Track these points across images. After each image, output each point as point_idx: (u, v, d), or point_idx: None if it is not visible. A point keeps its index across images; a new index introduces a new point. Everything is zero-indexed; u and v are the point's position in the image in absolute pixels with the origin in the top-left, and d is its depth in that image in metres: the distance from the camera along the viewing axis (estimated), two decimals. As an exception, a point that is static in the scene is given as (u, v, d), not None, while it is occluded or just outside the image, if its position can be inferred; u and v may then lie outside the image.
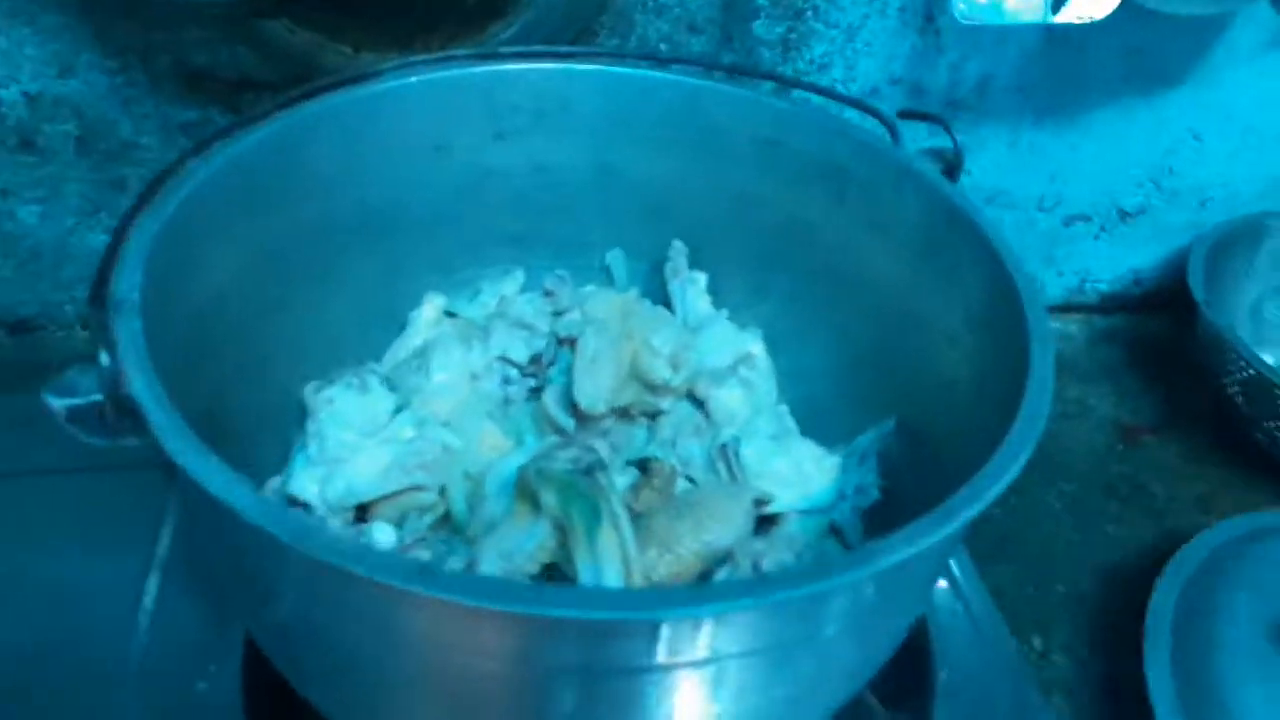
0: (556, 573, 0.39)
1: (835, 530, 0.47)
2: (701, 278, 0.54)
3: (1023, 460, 0.31)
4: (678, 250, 0.54)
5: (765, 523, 0.45)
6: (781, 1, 0.69)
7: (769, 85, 0.54)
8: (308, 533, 0.28)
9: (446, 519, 0.44)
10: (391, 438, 0.45)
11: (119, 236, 0.36)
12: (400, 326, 0.54)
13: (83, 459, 0.57)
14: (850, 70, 0.72)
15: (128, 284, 0.35)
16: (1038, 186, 0.82)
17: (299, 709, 0.40)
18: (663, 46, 0.69)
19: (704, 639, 0.28)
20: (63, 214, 0.71)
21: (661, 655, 0.28)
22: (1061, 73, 0.75)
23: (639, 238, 0.56)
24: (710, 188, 0.52)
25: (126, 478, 0.52)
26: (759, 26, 0.70)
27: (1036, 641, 0.62)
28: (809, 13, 0.70)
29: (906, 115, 0.48)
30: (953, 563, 0.58)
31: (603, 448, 0.44)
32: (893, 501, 0.47)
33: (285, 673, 0.38)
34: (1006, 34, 0.73)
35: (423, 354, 0.48)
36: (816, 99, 0.52)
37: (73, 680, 0.47)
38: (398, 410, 0.47)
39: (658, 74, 0.51)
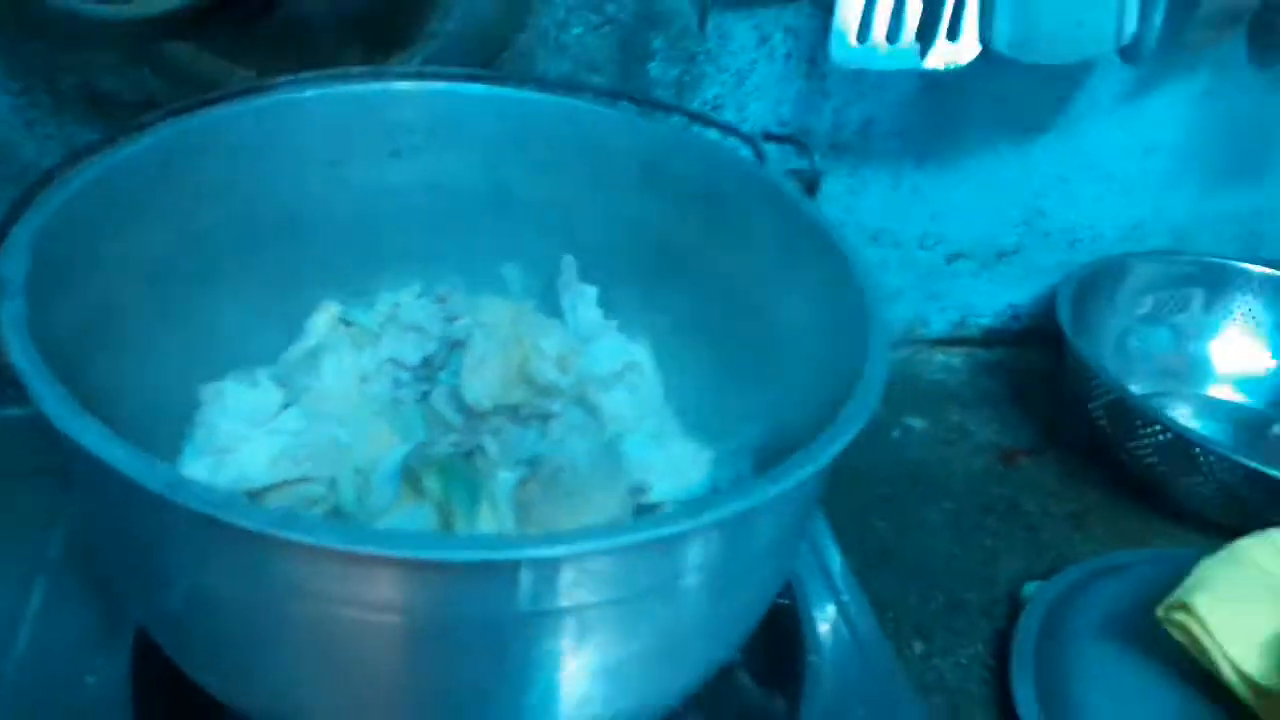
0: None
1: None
2: (591, 291, 0.56)
3: (854, 429, 0.34)
4: (568, 264, 0.56)
5: (645, 512, 0.47)
6: (676, 44, 0.73)
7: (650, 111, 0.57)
8: (178, 483, 0.29)
9: (336, 512, 0.45)
10: (279, 429, 0.46)
11: (5, 226, 0.38)
12: (297, 334, 0.55)
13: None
14: (741, 112, 0.77)
15: (12, 268, 0.36)
16: (919, 226, 0.87)
17: (186, 699, 0.40)
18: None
19: (563, 583, 0.29)
20: (-41, 234, 0.70)
21: (523, 601, 0.30)
22: (938, 118, 0.80)
23: (534, 254, 0.58)
24: (599, 206, 0.55)
25: (16, 484, 0.52)
26: (654, 68, 0.74)
27: (918, 646, 0.65)
28: (701, 56, 0.74)
29: (770, 138, 0.51)
30: (832, 566, 0.61)
31: (491, 444, 0.46)
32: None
33: (169, 651, 0.39)
34: (885, 80, 0.78)
35: (314, 355, 0.50)
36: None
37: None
38: (286, 406, 0.48)
39: (545, 96, 0.54)
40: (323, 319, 0.53)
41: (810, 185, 0.49)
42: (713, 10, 0.68)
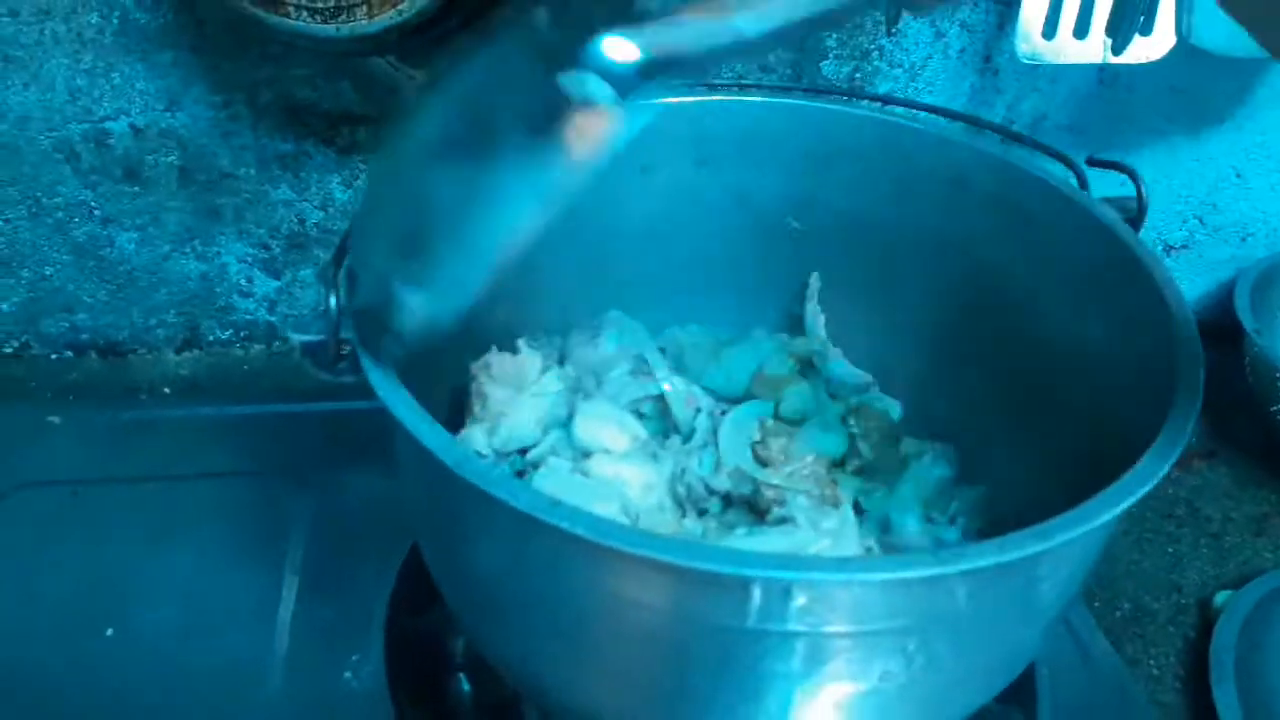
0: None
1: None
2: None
3: (1170, 460, 0.33)
4: (814, 280, 0.58)
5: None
6: (849, 43, 0.72)
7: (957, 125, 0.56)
8: (466, 460, 0.32)
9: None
10: (541, 391, 0.49)
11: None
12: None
13: (209, 466, 0.61)
14: (907, 99, 0.76)
15: None
16: (1088, 221, 0.85)
17: (441, 690, 0.42)
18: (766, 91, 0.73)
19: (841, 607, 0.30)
20: (160, 241, 0.74)
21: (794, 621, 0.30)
22: (1112, 112, 0.78)
23: (836, 266, 0.58)
24: (899, 221, 0.55)
25: (254, 483, 0.55)
26: (827, 66, 0.73)
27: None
28: (875, 53, 0.73)
29: (1094, 163, 0.50)
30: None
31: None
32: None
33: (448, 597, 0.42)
34: (1059, 74, 0.76)
35: (597, 330, 0.54)
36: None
37: (218, 672, 0.49)
38: (545, 370, 0.51)
39: (853, 111, 0.55)
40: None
41: (1133, 219, 0.48)
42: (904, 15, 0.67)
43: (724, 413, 0.52)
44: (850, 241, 0.56)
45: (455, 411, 0.50)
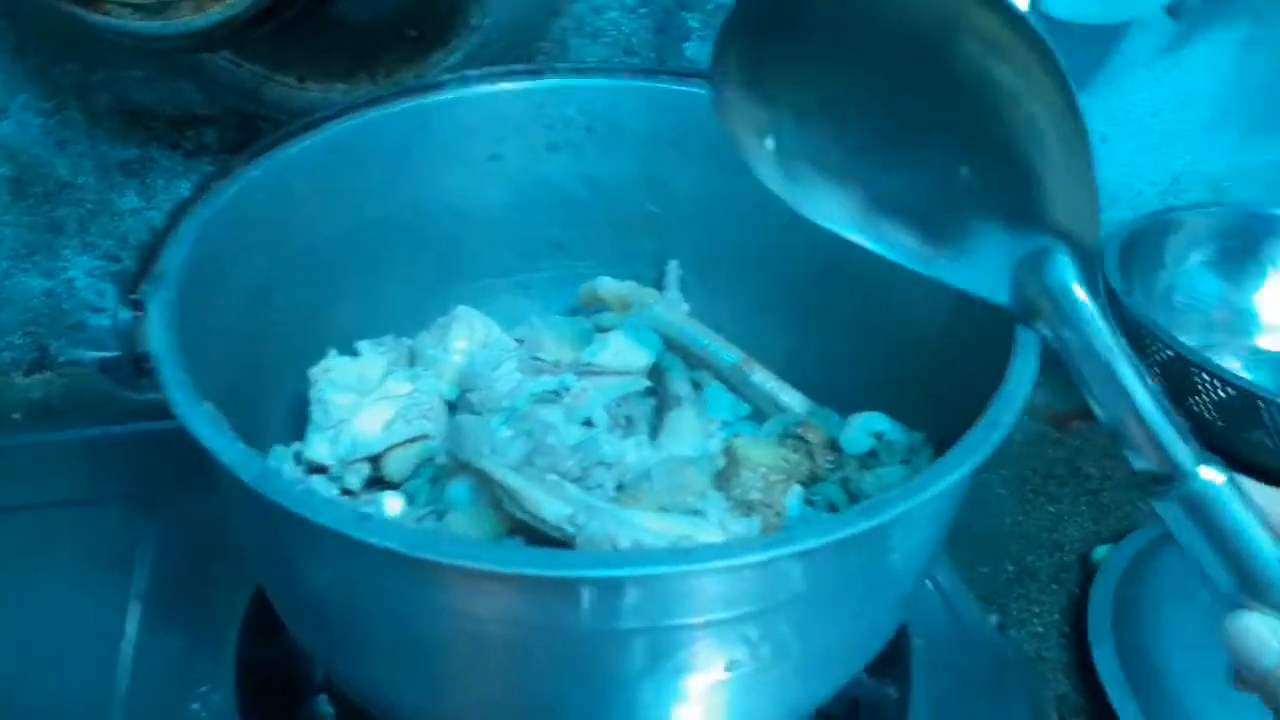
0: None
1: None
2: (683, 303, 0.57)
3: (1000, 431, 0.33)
4: (672, 269, 0.57)
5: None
6: (712, 23, 0.72)
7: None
8: (267, 476, 0.31)
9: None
10: (387, 394, 0.47)
11: (174, 219, 0.40)
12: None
13: (55, 495, 0.58)
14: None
15: (172, 259, 0.39)
16: (958, 190, 0.86)
17: (300, 711, 0.40)
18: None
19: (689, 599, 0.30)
20: (-2, 258, 0.69)
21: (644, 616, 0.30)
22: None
23: (690, 250, 0.58)
24: (754, 203, 0.54)
25: (97, 512, 0.52)
26: (690, 48, 0.72)
27: (993, 618, 0.65)
28: (738, 33, 0.73)
29: None
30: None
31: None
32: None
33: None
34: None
35: (445, 329, 0.52)
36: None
37: (58, 709, 0.46)
38: (389, 374, 0.49)
39: (703, 91, 0.53)
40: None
41: None
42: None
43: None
44: (707, 224, 0.56)
45: (299, 426, 0.48)
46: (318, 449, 0.45)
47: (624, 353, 0.50)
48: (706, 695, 0.33)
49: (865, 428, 0.45)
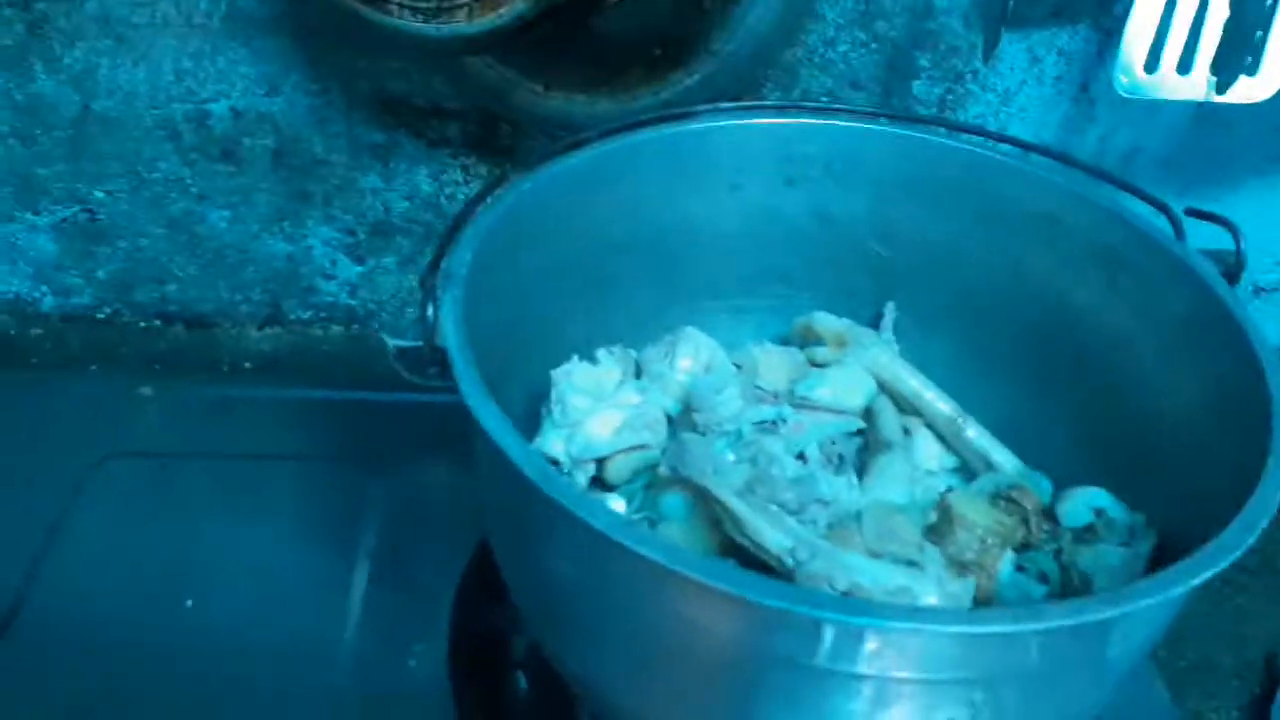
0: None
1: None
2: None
3: (1255, 533, 0.33)
4: (889, 310, 0.58)
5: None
6: (943, 64, 0.71)
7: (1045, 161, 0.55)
8: (550, 478, 0.33)
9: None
10: (619, 403, 0.50)
11: (458, 224, 0.44)
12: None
13: (285, 448, 0.63)
14: (1000, 133, 0.75)
15: (459, 261, 0.42)
16: (1177, 258, 0.83)
17: (499, 686, 0.43)
18: (824, 100, 0.72)
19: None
20: (250, 220, 0.76)
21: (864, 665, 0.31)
22: (1209, 149, 0.76)
23: (912, 294, 0.58)
24: (985, 255, 0.55)
25: (327, 469, 0.57)
26: (918, 86, 0.73)
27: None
28: (968, 76, 0.72)
29: (1193, 214, 0.49)
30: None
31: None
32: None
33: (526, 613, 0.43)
34: (1157, 108, 0.74)
35: (672, 346, 0.54)
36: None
37: (289, 649, 0.51)
38: (622, 382, 0.52)
39: (945, 141, 0.55)
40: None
41: (1232, 274, 0.46)
42: (1002, 39, 0.66)
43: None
44: (931, 271, 0.56)
45: (530, 415, 0.51)
46: (553, 445, 0.48)
47: (840, 391, 0.51)
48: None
49: (1086, 502, 0.45)
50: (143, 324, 0.80)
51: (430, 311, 0.38)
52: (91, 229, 0.76)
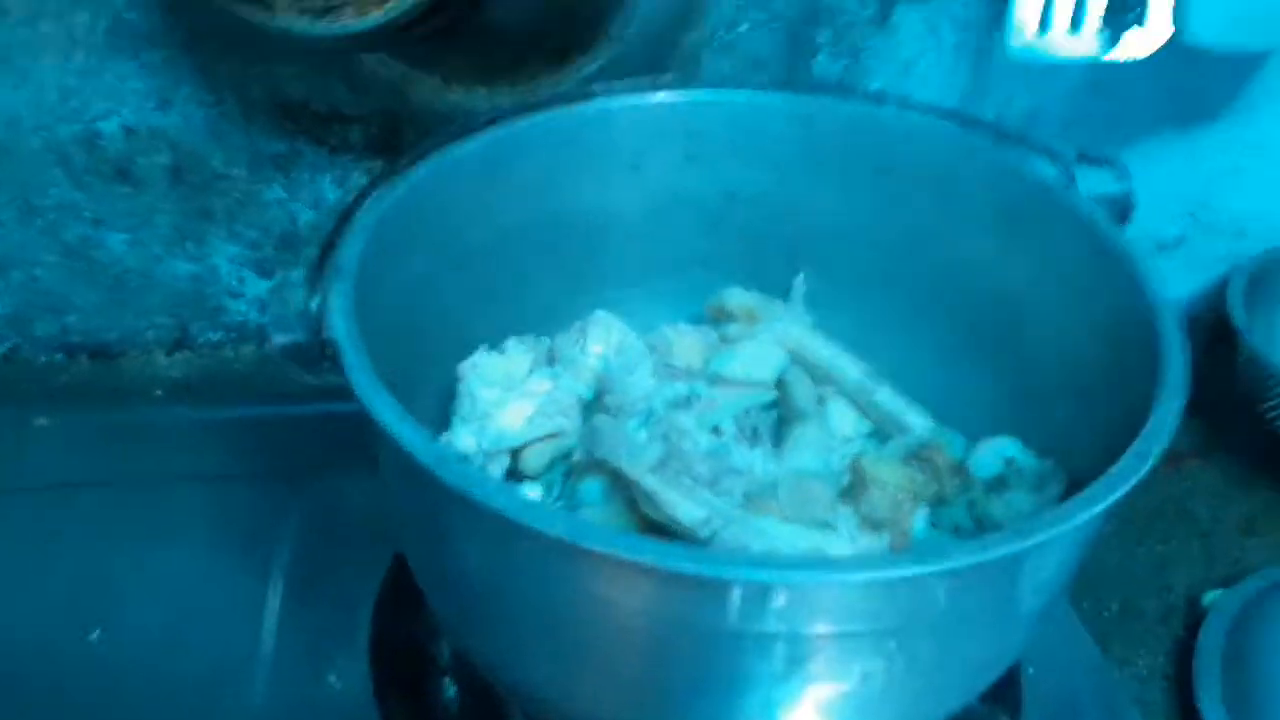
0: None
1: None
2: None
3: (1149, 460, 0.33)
4: (798, 284, 0.58)
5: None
6: (842, 39, 0.72)
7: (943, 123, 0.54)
8: (445, 460, 0.32)
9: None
10: (529, 392, 0.49)
11: (345, 217, 0.43)
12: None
13: (199, 469, 0.62)
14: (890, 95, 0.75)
15: (347, 254, 0.41)
16: (1080, 218, 0.85)
17: (426, 693, 0.42)
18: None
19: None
20: (152, 242, 0.73)
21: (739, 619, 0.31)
22: (1105, 108, 0.78)
23: (821, 261, 0.58)
24: (889, 220, 0.55)
25: (240, 488, 0.55)
26: (820, 62, 0.73)
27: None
28: (868, 49, 0.73)
29: (1084, 159, 0.49)
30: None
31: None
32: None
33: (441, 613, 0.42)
34: (1053, 71, 0.76)
35: (583, 331, 0.54)
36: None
37: (203, 675, 0.50)
38: (532, 371, 0.52)
39: (840, 109, 0.54)
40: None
41: (1123, 212, 0.47)
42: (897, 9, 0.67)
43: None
44: (839, 240, 0.56)
45: (443, 417, 0.50)
46: (463, 439, 0.48)
47: (751, 364, 0.51)
48: (835, 703, 0.34)
49: (996, 452, 0.45)
50: (43, 358, 0.77)
51: (314, 304, 0.37)
52: (-18, 263, 0.73)
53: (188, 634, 0.52)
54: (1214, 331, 0.84)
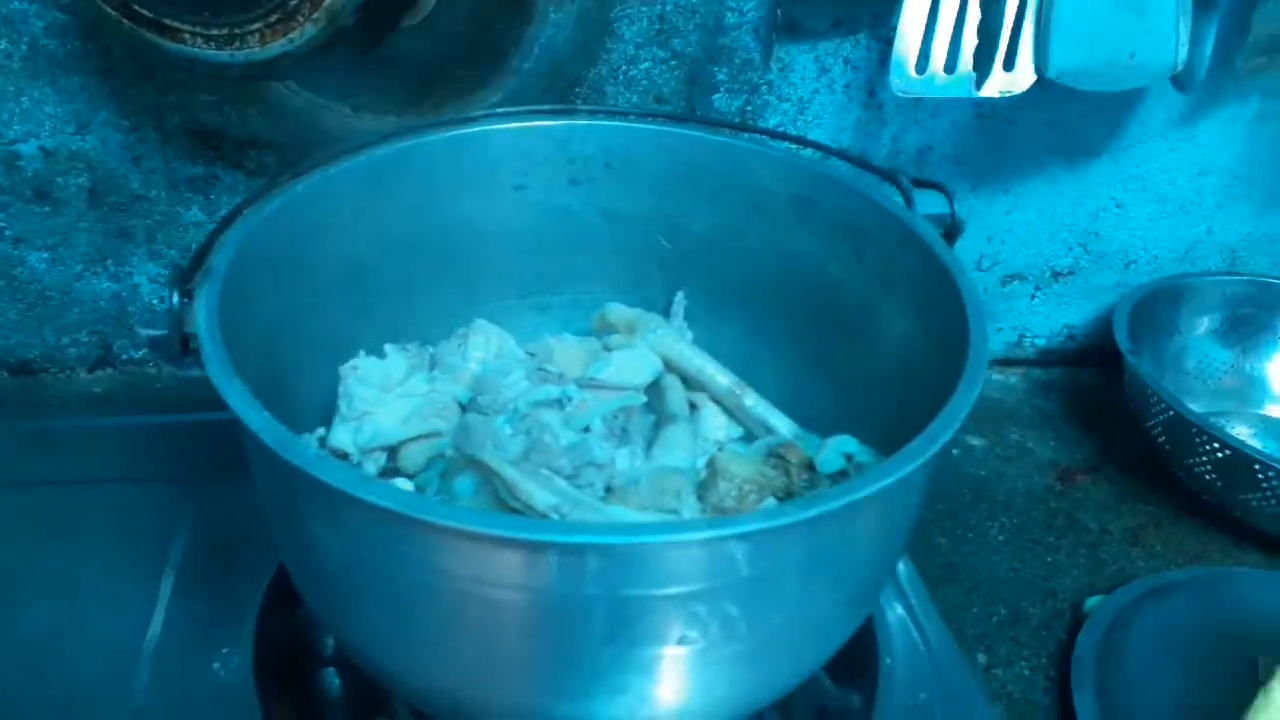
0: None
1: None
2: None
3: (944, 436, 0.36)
4: (679, 300, 0.61)
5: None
6: (739, 77, 0.76)
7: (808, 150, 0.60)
8: (285, 440, 0.34)
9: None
10: (407, 393, 0.52)
11: (222, 226, 0.45)
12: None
13: (103, 473, 0.63)
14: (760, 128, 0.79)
15: (220, 258, 0.43)
16: (976, 248, 0.89)
17: (308, 683, 0.44)
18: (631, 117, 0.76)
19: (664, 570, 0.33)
20: (71, 261, 0.76)
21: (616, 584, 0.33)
22: (992, 144, 0.83)
23: (701, 282, 0.62)
24: (756, 240, 0.59)
25: (141, 490, 0.57)
26: (719, 100, 0.77)
27: (981, 658, 0.67)
28: (764, 88, 0.77)
29: (918, 183, 0.54)
30: (900, 574, 0.63)
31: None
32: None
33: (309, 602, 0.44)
34: (942, 108, 0.80)
35: (464, 339, 0.56)
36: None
37: (93, 658, 0.51)
38: (410, 374, 0.54)
39: (707, 136, 0.58)
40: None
41: (950, 233, 0.52)
42: (776, 45, 0.71)
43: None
44: (712, 259, 0.60)
45: (328, 420, 0.52)
46: (341, 437, 0.50)
47: (625, 370, 0.54)
48: (662, 667, 0.37)
49: (837, 449, 0.48)
50: (-37, 373, 0.78)
51: (177, 299, 0.39)
52: (-98, 281, 0.75)
53: (79, 628, 0.53)
54: (1104, 356, 0.89)
